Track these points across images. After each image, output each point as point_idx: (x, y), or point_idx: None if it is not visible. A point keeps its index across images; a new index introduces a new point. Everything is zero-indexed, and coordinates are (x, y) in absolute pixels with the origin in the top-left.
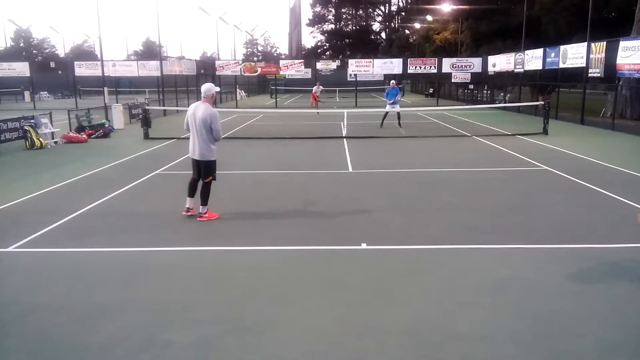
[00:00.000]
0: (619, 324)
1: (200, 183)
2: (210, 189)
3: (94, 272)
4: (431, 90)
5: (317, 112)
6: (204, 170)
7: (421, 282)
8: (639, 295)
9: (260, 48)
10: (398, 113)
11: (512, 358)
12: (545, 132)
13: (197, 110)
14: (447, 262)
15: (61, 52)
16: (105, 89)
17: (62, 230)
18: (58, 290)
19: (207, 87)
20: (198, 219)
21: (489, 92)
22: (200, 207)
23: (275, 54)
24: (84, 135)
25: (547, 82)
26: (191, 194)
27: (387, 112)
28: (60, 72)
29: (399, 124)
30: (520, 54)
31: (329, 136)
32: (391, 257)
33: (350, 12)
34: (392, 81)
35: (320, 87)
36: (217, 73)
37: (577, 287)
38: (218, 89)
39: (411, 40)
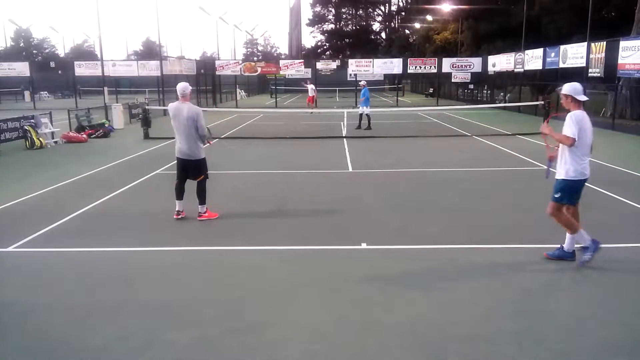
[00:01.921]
0: (618, 324)
1: (194, 184)
2: (206, 187)
3: (94, 272)
4: (431, 90)
5: (312, 112)
6: (195, 170)
7: (421, 282)
8: (639, 295)
9: (260, 48)
10: (363, 115)
11: (512, 358)
12: None
13: (179, 110)
14: (447, 262)
15: (61, 52)
16: (105, 88)
17: (62, 230)
18: (58, 290)
19: (185, 86)
20: (198, 218)
21: (489, 92)
22: (199, 206)
23: (275, 54)
24: (84, 135)
25: (547, 82)
26: (180, 196)
27: (365, 114)
28: (60, 72)
29: (359, 125)
30: (520, 53)
31: (329, 136)
32: (391, 257)
33: (350, 12)
34: (362, 82)
35: (312, 85)
36: (217, 73)
37: (577, 287)
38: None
39: (411, 40)
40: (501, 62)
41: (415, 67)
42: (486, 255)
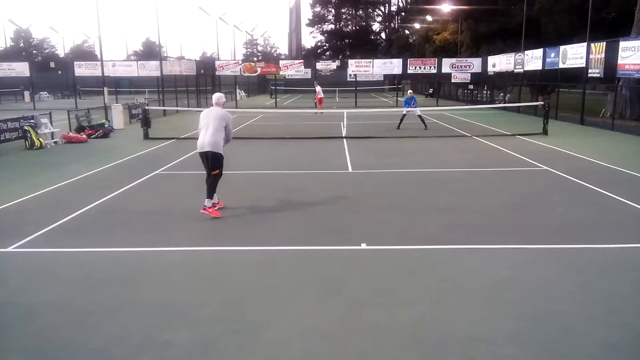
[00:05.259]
0: (618, 325)
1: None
2: (217, 184)
3: (94, 272)
4: (431, 91)
5: (322, 112)
6: (212, 163)
7: (421, 282)
8: (639, 295)
9: (260, 48)
10: (420, 116)
11: (512, 358)
12: (545, 132)
13: (211, 111)
14: (447, 262)
15: (61, 52)
16: (105, 89)
17: (62, 230)
18: (58, 290)
19: (220, 95)
20: (201, 210)
21: (488, 92)
22: (206, 200)
23: (275, 54)
24: (84, 136)
25: (547, 82)
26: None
27: (404, 114)
28: (60, 72)
29: (425, 126)
30: (520, 54)
31: (329, 136)
32: (391, 257)
33: (350, 12)
34: (409, 91)
35: (318, 86)
36: (217, 73)
37: (577, 287)
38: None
39: (411, 40)
40: (501, 63)
41: (415, 67)
42: (486, 255)
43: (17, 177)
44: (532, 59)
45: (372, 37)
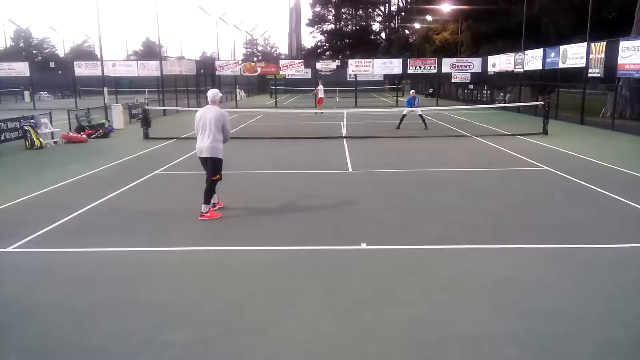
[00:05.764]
0: (618, 324)
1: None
2: (215, 189)
3: (94, 272)
4: (431, 90)
5: (322, 112)
6: (211, 168)
7: (421, 282)
8: (638, 295)
9: (260, 48)
10: (421, 116)
11: (512, 358)
12: (545, 132)
13: (207, 111)
14: (447, 262)
15: (61, 52)
16: (105, 89)
17: (62, 230)
18: (58, 290)
19: (215, 92)
20: (199, 217)
21: (488, 92)
22: (203, 205)
23: (275, 54)
24: (84, 135)
25: (547, 82)
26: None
27: (404, 115)
28: (60, 72)
29: (425, 125)
30: (520, 54)
31: (329, 136)
32: (391, 257)
33: (350, 12)
34: (412, 91)
35: (321, 85)
36: (217, 73)
37: (577, 287)
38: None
39: (411, 40)
40: (501, 63)
41: (415, 67)
42: (486, 255)
43: (17, 177)
44: (532, 59)
45: (372, 37)
